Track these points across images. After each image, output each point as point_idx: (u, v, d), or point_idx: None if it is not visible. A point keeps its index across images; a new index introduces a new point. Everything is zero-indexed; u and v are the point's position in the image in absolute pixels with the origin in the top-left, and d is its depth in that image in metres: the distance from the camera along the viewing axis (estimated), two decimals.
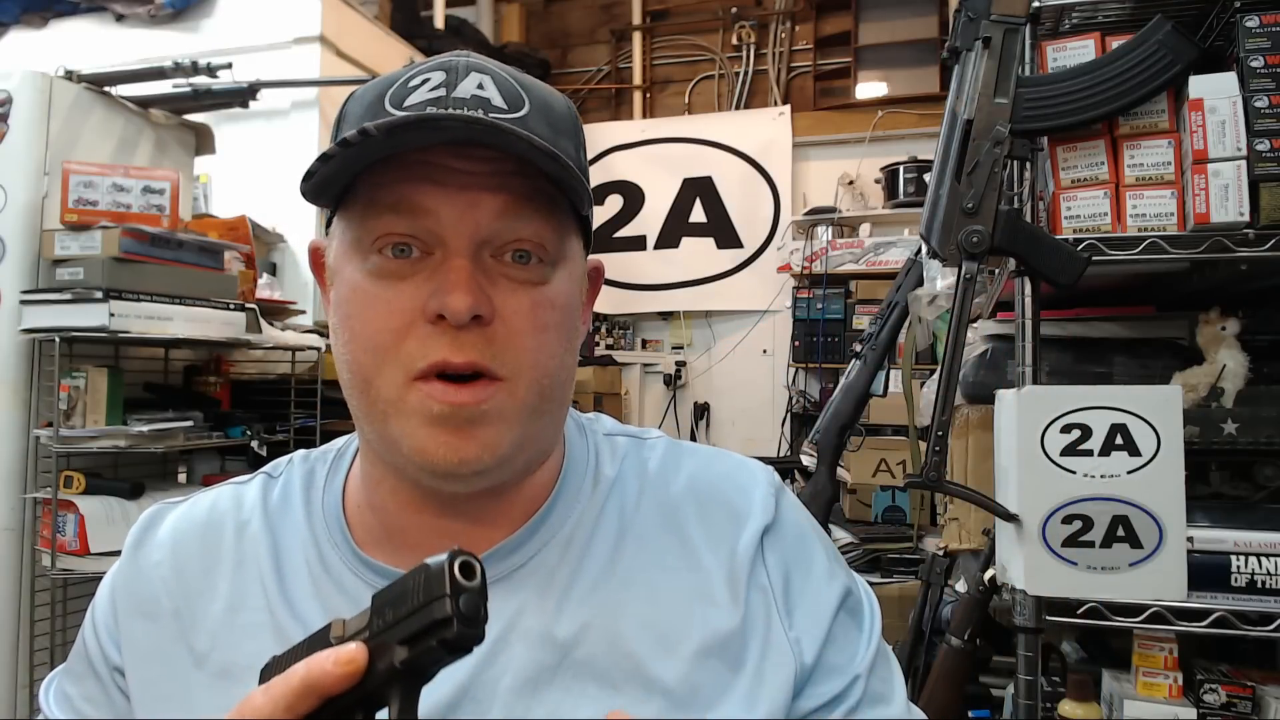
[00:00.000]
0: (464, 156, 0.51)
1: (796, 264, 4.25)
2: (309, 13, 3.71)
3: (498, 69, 0.55)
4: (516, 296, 0.53)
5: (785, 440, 4.31)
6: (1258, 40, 1.11)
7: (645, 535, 0.59)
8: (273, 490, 0.64)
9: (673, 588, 0.57)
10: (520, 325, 0.53)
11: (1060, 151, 1.18)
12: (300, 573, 0.59)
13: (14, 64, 2.71)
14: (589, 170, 0.60)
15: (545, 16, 5.44)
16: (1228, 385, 1.21)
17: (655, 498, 0.61)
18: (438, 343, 0.51)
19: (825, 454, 1.81)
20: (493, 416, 0.52)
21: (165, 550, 0.62)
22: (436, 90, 0.52)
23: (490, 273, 0.53)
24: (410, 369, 0.52)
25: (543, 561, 0.58)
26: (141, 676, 0.59)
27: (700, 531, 0.60)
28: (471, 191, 0.52)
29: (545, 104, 0.55)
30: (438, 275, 0.52)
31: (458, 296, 0.50)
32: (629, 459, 0.64)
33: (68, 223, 2.06)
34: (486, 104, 0.52)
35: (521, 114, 0.53)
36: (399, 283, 0.52)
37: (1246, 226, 1.09)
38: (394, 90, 0.54)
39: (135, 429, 2.06)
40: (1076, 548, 1.06)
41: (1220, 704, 1.16)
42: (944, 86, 3.67)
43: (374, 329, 0.52)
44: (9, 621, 2.10)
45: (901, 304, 1.78)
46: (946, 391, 1.14)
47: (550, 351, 0.54)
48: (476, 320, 0.51)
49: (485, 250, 0.53)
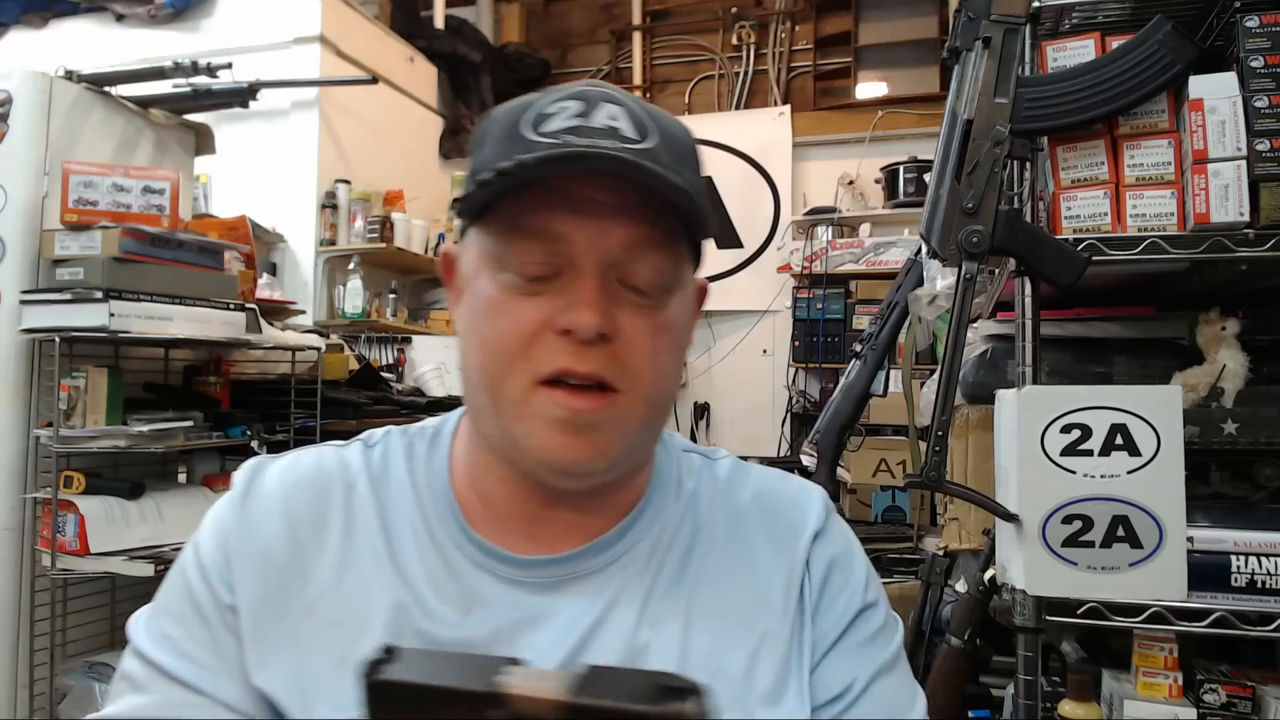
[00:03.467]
0: (598, 186, 0.56)
1: (796, 264, 4.25)
2: (309, 13, 3.71)
3: (627, 100, 0.60)
4: (637, 319, 0.58)
5: (785, 440, 4.31)
6: (1258, 40, 1.11)
7: (714, 542, 0.66)
8: (373, 458, 0.67)
9: (736, 590, 0.64)
10: (639, 345, 0.58)
11: (1060, 151, 1.18)
12: (407, 539, 0.63)
13: (14, 64, 2.71)
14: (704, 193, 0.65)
15: (545, 16, 5.44)
16: (1228, 385, 1.21)
17: (724, 509, 0.68)
18: (563, 352, 0.56)
19: (825, 454, 1.81)
20: (608, 424, 0.57)
21: (276, 501, 0.64)
22: (574, 119, 0.57)
23: (614, 294, 0.57)
24: (536, 374, 0.57)
25: (633, 558, 0.64)
26: (255, 620, 0.61)
27: (763, 540, 0.66)
28: (603, 220, 0.56)
29: (669, 134, 0.60)
30: (568, 293, 0.56)
31: (587, 314, 0.55)
32: (702, 474, 0.70)
33: (68, 223, 2.06)
34: (618, 134, 0.57)
35: (649, 145, 0.57)
36: (530, 298, 0.57)
37: (1246, 226, 1.09)
38: (533, 117, 0.58)
39: (135, 429, 2.06)
40: (1076, 548, 1.06)
41: (1220, 704, 1.16)
42: (944, 86, 3.67)
43: (504, 336, 0.57)
44: (9, 621, 2.10)
45: (901, 304, 1.78)
46: (946, 391, 1.14)
47: (664, 371, 0.60)
48: (601, 337, 0.56)
49: (611, 273, 0.57)
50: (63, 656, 2.09)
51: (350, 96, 3.86)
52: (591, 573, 0.62)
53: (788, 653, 0.62)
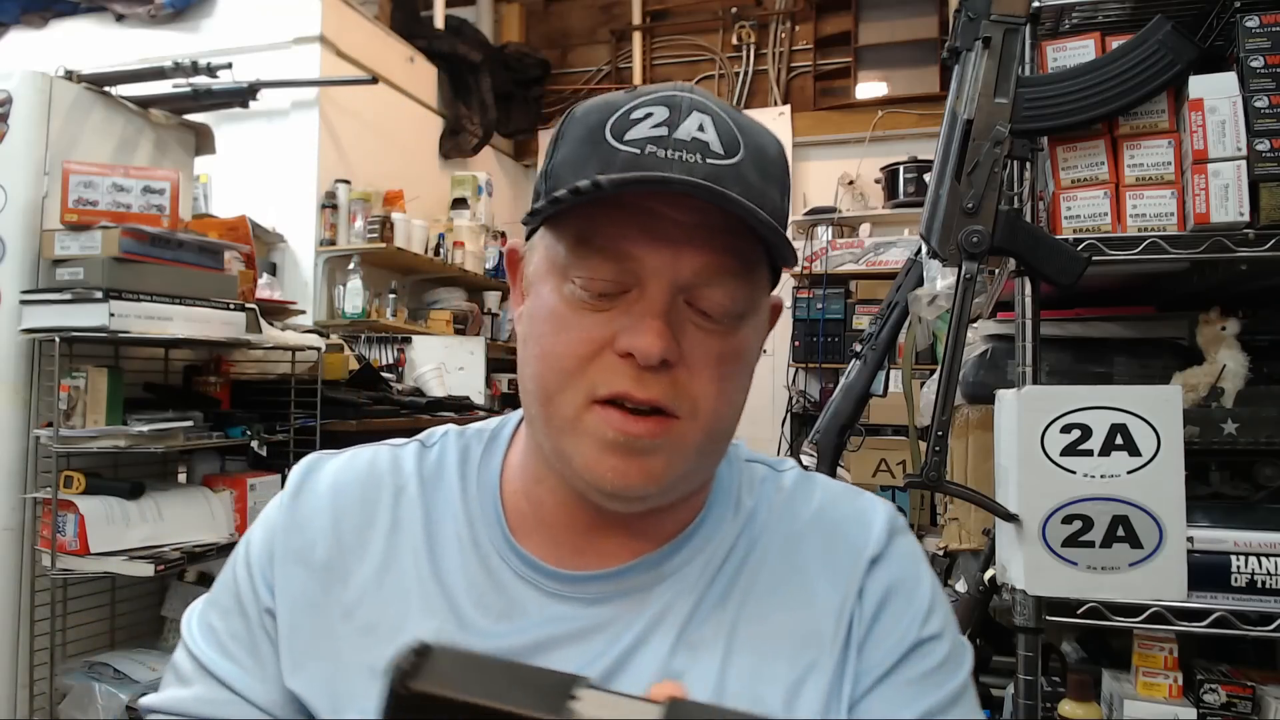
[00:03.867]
0: (678, 205, 0.53)
1: (797, 264, 4.24)
2: (309, 13, 3.71)
3: (718, 109, 0.56)
4: (704, 345, 0.55)
5: (785, 440, 4.31)
6: (1258, 40, 1.11)
7: (766, 563, 0.62)
8: (428, 459, 0.66)
9: (784, 616, 0.60)
10: (703, 373, 0.55)
11: (1060, 151, 1.18)
12: (451, 546, 0.62)
13: (14, 64, 2.71)
14: (788, 213, 0.61)
15: (545, 16, 5.44)
16: (1228, 385, 1.21)
17: (782, 528, 0.64)
18: (623, 374, 0.54)
19: (825, 454, 1.81)
20: (663, 451, 0.55)
21: (325, 500, 0.64)
22: (659, 128, 0.54)
23: (680, 318, 0.54)
24: (592, 393, 0.54)
25: (682, 579, 0.61)
26: (291, 622, 0.60)
27: (819, 564, 0.62)
28: (678, 243, 0.53)
29: (759, 149, 0.56)
30: (632, 313, 0.54)
31: (650, 340, 0.52)
32: (765, 487, 0.67)
33: (68, 223, 2.06)
34: (705, 148, 0.54)
35: (736, 160, 0.54)
36: (594, 313, 0.55)
37: (1246, 226, 1.09)
38: (616, 120, 0.55)
39: (135, 429, 2.06)
40: (1076, 548, 1.06)
41: (1220, 704, 1.16)
42: (944, 86, 3.67)
43: (563, 351, 0.55)
44: (9, 621, 2.10)
45: (901, 304, 1.78)
46: (946, 391, 1.14)
47: (728, 399, 0.57)
48: (663, 364, 0.53)
49: (680, 296, 0.54)
50: (63, 656, 2.09)
51: (350, 96, 3.86)
52: (635, 591, 0.60)
53: (831, 688, 0.58)
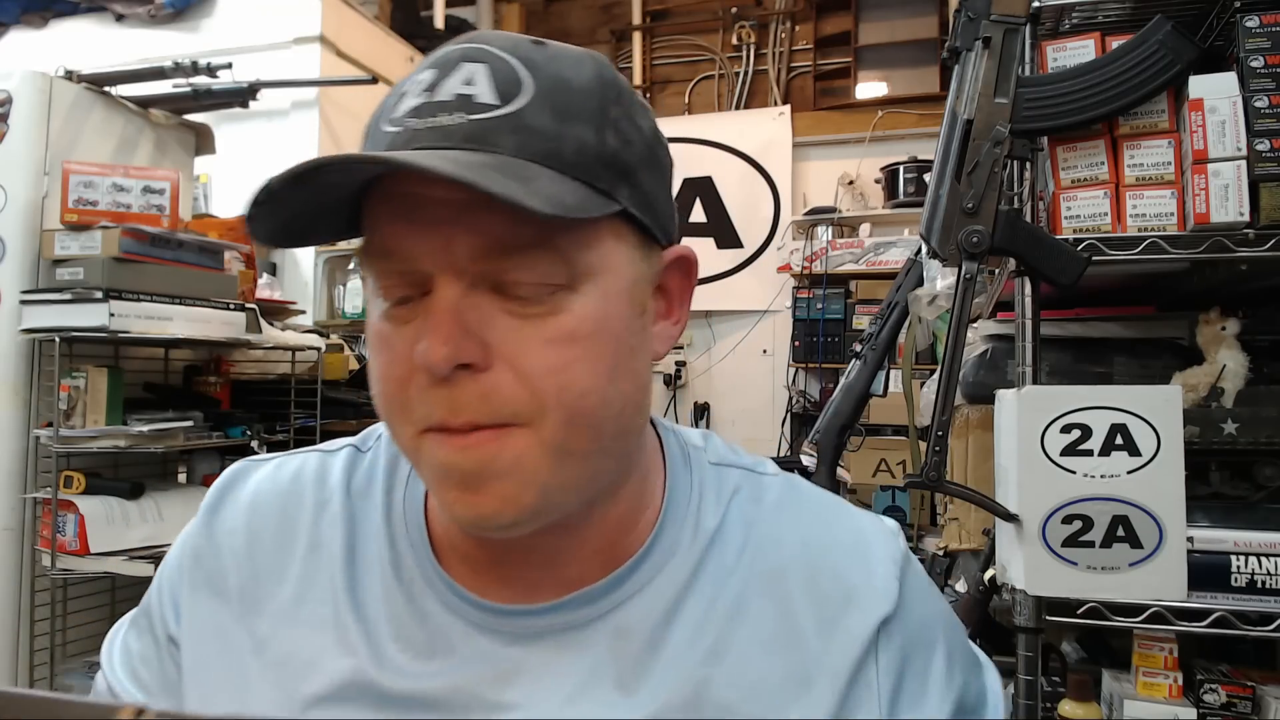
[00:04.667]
0: (433, 181, 0.43)
1: (796, 264, 4.25)
2: (309, 13, 3.71)
3: (501, 51, 0.46)
4: (522, 334, 0.45)
5: (785, 440, 4.31)
6: (1258, 40, 1.11)
7: (743, 601, 0.52)
8: (359, 467, 0.59)
9: (766, 670, 0.50)
10: (531, 367, 0.45)
11: (1060, 151, 1.18)
12: (372, 570, 0.55)
13: (14, 64, 2.71)
14: (637, 142, 0.49)
15: (545, 16, 5.44)
16: (1228, 385, 1.21)
17: (761, 555, 0.54)
18: (434, 400, 0.45)
19: (825, 454, 1.81)
20: (507, 469, 0.46)
21: (241, 520, 0.58)
22: (421, 96, 0.46)
23: (484, 309, 0.45)
24: (417, 426, 0.47)
25: (624, 618, 0.51)
26: (197, 654, 0.56)
27: (807, 605, 0.52)
28: (445, 227, 0.44)
29: (557, 82, 0.46)
30: (424, 319, 0.45)
31: (432, 346, 0.43)
32: (737, 500, 0.56)
33: (68, 223, 2.06)
34: (468, 103, 0.45)
35: (516, 106, 0.45)
36: (402, 326, 0.47)
37: (1246, 226, 1.09)
38: (389, 101, 0.48)
39: (135, 429, 2.06)
40: (1076, 548, 1.06)
41: (1220, 704, 1.16)
42: (944, 86, 3.67)
43: (383, 376, 0.48)
44: (9, 621, 2.10)
45: (901, 304, 1.78)
46: (946, 391, 1.14)
47: (580, 389, 0.45)
48: (468, 369, 0.44)
49: (481, 285, 0.45)
50: (63, 656, 2.09)
51: (350, 96, 3.86)
52: (571, 630, 0.51)
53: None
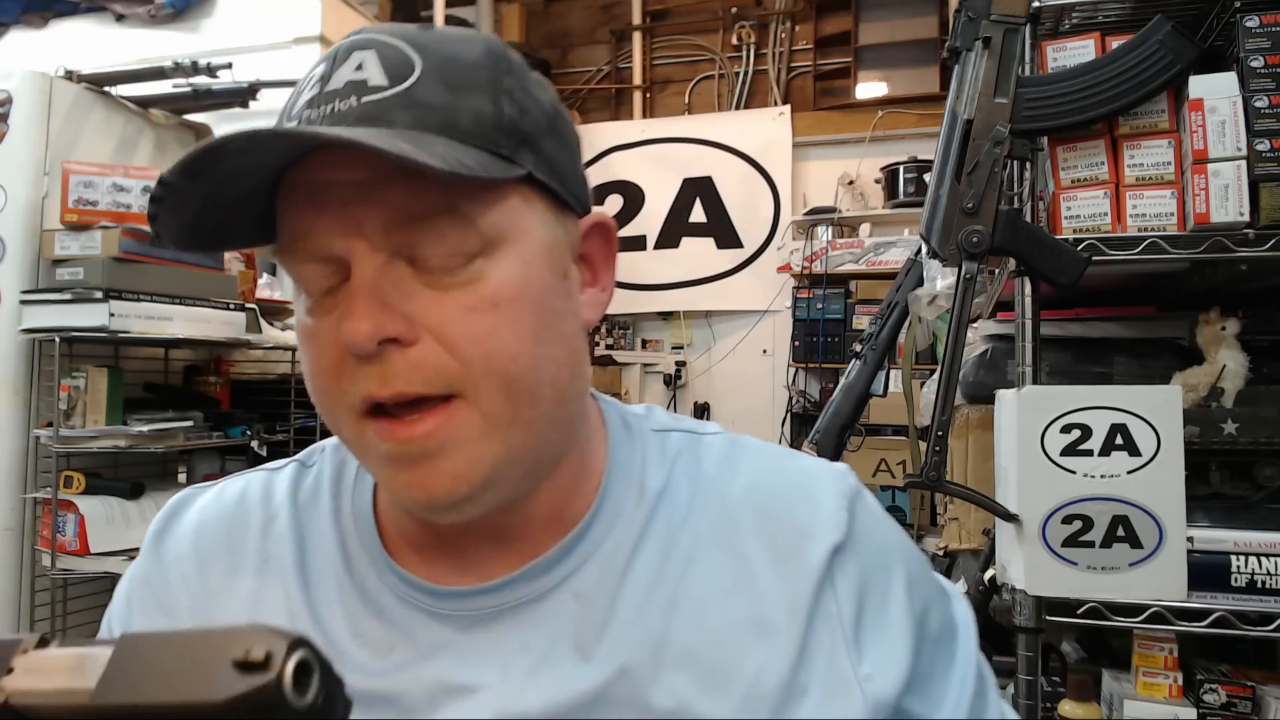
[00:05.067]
0: (337, 164, 0.45)
1: (796, 264, 4.25)
2: (309, 13, 3.71)
3: (389, 38, 0.47)
4: (442, 305, 0.46)
5: (785, 440, 4.31)
6: (1258, 40, 1.11)
7: (695, 553, 0.53)
8: (304, 481, 0.59)
9: (725, 614, 0.51)
10: (455, 337, 0.45)
11: (1060, 151, 1.18)
12: (325, 574, 0.55)
13: (14, 64, 2.71)
14: (535, 112, 0.50)
15: (545, 16, 5.43)
16: (1228, 385, 1.21)
17: (709, 507, 0.54)
18: (364, 376, 0.46)
19: (825, 454, 1.81)
20: (453, 444, 0.46)
21: (188, 542, 0.58)
22: (315, 88, 0.47)
23: (404, 285, 0.46)
24: (351, 410, 0.47)
25: (579, 584, 0.51)
26: None
27: (759, 547, 0.53)
28: (352, 206, 0.45)
29: (446, 60, 0.47)
30: (344, 302, 0.46)
31: (352, 325, 0.44)
32: (681, 460, 0.56)
33: (68, 223, 2.07)
34: (361, 87, 0.46)
35: (406, 85, 0.46)
36: (325, 316, 0.47)
37: (1246, 226, 1.09)
38: (289, 102, 0.49)
39: (135, 429, 2.07)
40: (1076, 548, 1.06)
41: (1220, 704, 1.16)
42: (944, 86, 3.67)
43: (314, 370, 0.48)
44: (9, 621, 2.10)
45: (901, 304, 1.78)
46: (946, 391, 1.14)
47: (508, 354, 0.46)
48: (394, 344, 0.45)
49: (397, 258, 0.46)
50: None
51: None
52: (526, 603, 0.51)
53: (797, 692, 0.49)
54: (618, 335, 4.89)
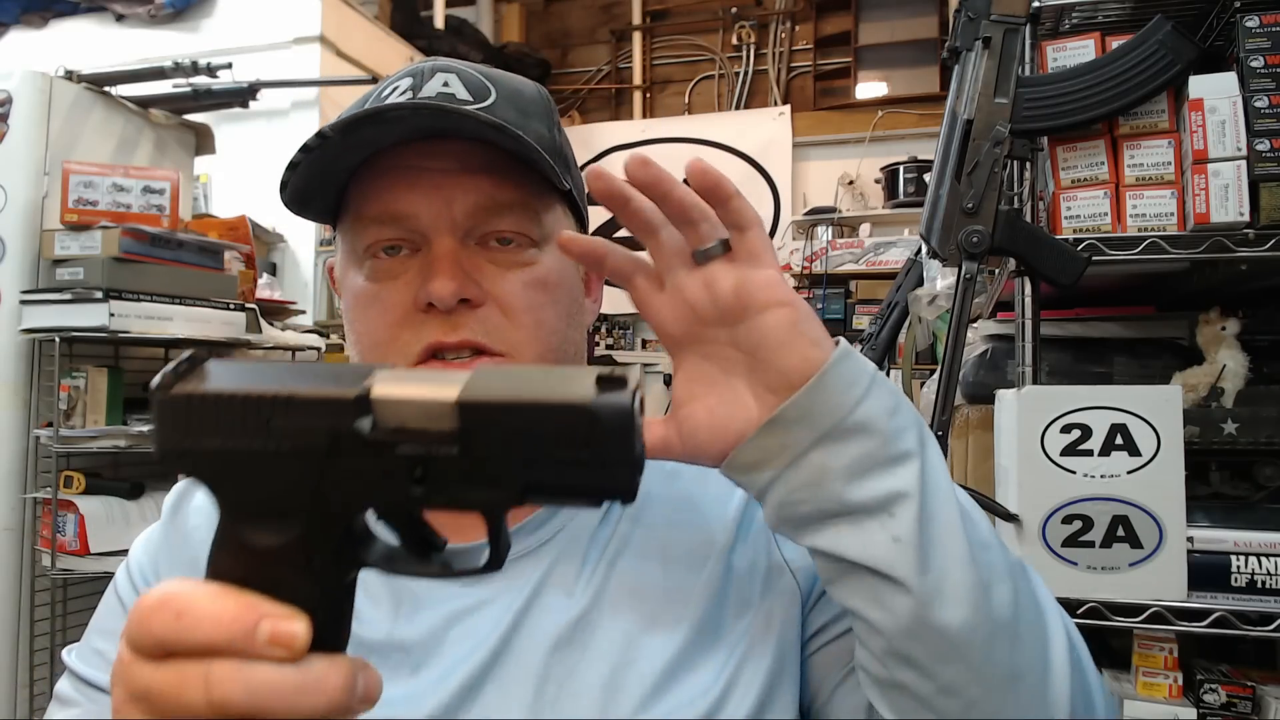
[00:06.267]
0: (433, 154, 0.55)
1: (796, 264, 4.25)
2: (309, 13, 3.71)
3: (464, 67, 0.58)
4: (506, 279, 0.56)
5: None
6: (1258, 40, 1.11)
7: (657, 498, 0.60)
8: None
9: (683, 540, 0.59)
10: (514, 304, 0.55)
11: (1060, 151, 1.18)
12: None
13: (14, 64, 2.71)
14: (568, 149, 0.63)
15: (545, 16, 5.44)
16: (1228, 385, 1.21)
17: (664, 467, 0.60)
18: (432, 327, 0.54)
19: None
20: None
21: (203, 516, 0.63)
22: (403, 95, 0.56)
23: (475, 259, 0.55)
24: (409, 355, 0.55)
25: (572, 534, 0.59)
26: None
27: (700, 489, 0.61)
28: (445, 189, 0.55)
29: (513, 91, 0.58)
30: (425, 268, 0.55)
31: (441, 283, 0.53)
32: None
33: (68, 223, 2.06)
34: (451, 99, 0.55)
35: (487, 103, 0.56)
36: (392, 281, 0.56)
37: (1246, 226, 1.09)
38: (368, 101, 0.57)
39: (135, 429, 2.07)
40: (1076, 548, 1.06)
41: (1220, 704, 1.16)
42: (944, 86, 3.67)
43: (374, 325, 0.56)
44: (9, 621, 2.10)
45: (901, 304, 1.78)
46: (946, 391, 1.14)
47: (550, 328, 0.57)
48: (466, 304, 0.54)
49: (469, 239, 0.56)
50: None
51: (350, 96, 3.84)
52: (521, 555, 0.57)
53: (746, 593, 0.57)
54: (617, 335, 4.89)
